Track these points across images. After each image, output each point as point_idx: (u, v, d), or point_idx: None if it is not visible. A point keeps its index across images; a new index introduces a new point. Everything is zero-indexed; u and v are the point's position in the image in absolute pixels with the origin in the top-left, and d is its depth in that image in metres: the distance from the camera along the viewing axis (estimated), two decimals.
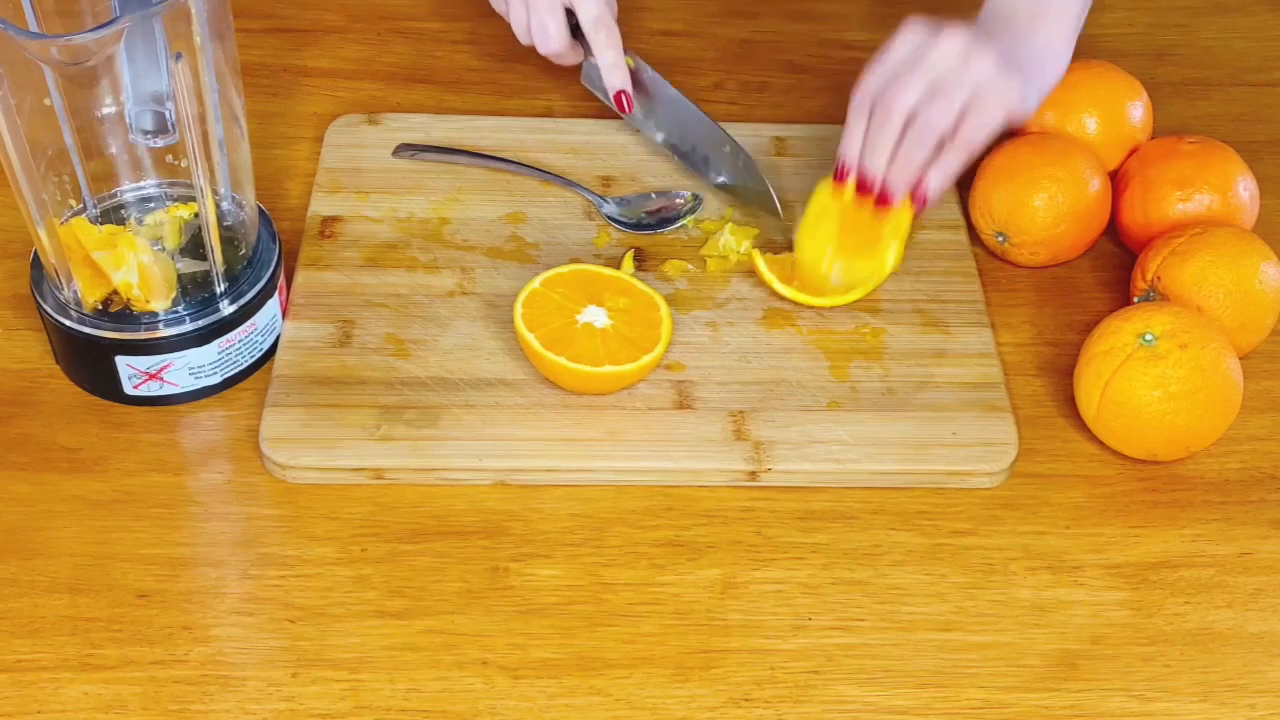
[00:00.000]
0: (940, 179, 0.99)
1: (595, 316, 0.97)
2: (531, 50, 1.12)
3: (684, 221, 1.09)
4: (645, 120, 1.12)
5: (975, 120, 0.97)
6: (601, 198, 1.10)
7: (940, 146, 0.97)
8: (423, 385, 0.97)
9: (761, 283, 1.03)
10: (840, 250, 1.01)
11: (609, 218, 1.09)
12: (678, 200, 1.10)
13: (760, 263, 1.03)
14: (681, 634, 0.87)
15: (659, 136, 1.12)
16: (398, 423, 0.95)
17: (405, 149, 1.13)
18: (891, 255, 1.01)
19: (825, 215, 1.02)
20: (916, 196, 0.99)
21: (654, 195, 1.11)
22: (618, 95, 1.10)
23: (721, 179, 1.11)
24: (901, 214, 1.00)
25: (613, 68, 1.09)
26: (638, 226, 1.09)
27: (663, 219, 1.09)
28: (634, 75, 1.11)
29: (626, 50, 1.10)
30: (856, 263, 1.01)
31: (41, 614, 0.86)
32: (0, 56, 0.85)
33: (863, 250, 1.01)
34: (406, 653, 0.86)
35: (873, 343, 1.01)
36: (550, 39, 1.09)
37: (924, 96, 0.96)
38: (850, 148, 0.99)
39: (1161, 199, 1.05)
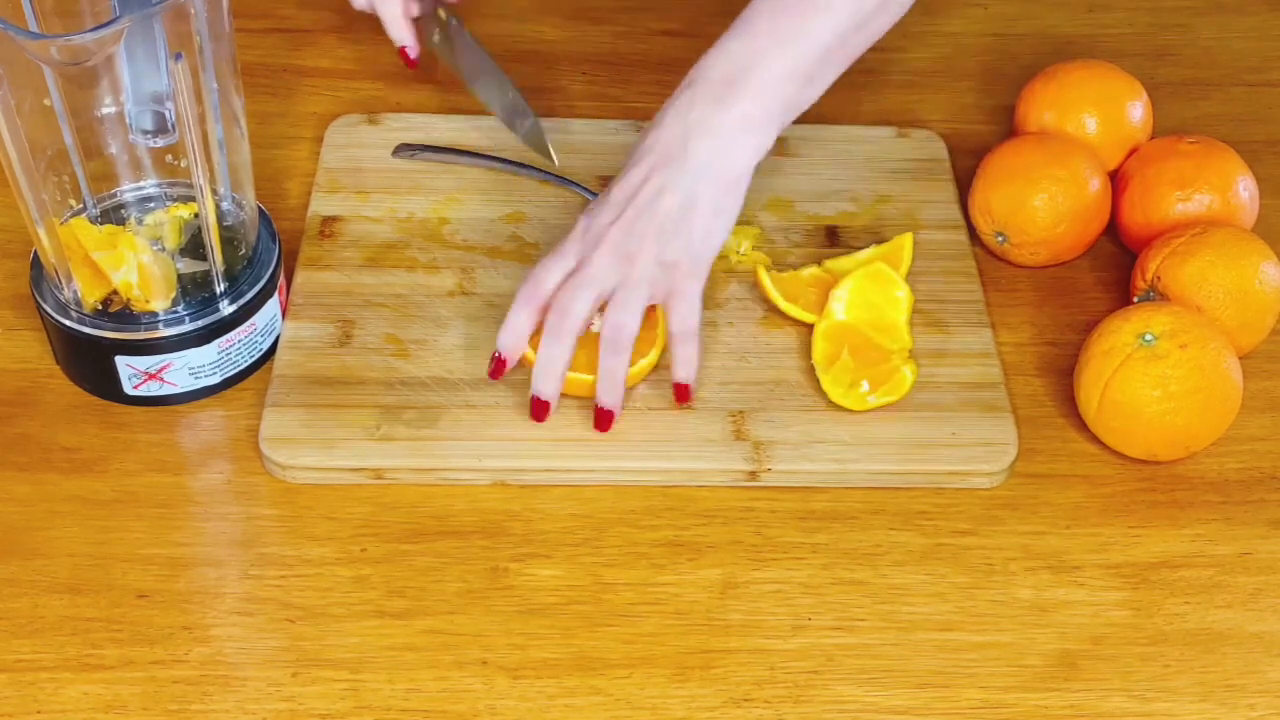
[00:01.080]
0: (688, 372, 0.94)
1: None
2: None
3: None
4: (471, 84, 1.15)
5: (678, 313, 0.94)
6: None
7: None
8: (423, 385, 0.97)
9: (764, 297, 1.03)
10: (861, 370, 0.97)
11: None
12: None
13: (765, 279, 1.02)
14: (681, 634, 0.87)
15: (481, 97, 1.15)
16: (398, 423, 0.95)
17: (405, 149, 1.13)
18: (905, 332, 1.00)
19: (834, 341, 0.98)
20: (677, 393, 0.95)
21: None
22: (400, 51, 1.12)
23: (521, 136, 1.14)
24: (899, 332, 0.99)
25: (390, 23, 1.11)
26: None
27: None
28: (451, 38, 1.14)
29: (448, 12, 1.13)
30: (878, 369, 0.97)
31: (41, 614, 0.86)
32: (0, 56, 0.85)
33: (880, 357, 0.98)
34: (406, 653, 0.86)
35: None
36: None
37: (600, 306, 0.92)
38: (510, 344, 0.94)
39: (1161, 199, 1.05)
